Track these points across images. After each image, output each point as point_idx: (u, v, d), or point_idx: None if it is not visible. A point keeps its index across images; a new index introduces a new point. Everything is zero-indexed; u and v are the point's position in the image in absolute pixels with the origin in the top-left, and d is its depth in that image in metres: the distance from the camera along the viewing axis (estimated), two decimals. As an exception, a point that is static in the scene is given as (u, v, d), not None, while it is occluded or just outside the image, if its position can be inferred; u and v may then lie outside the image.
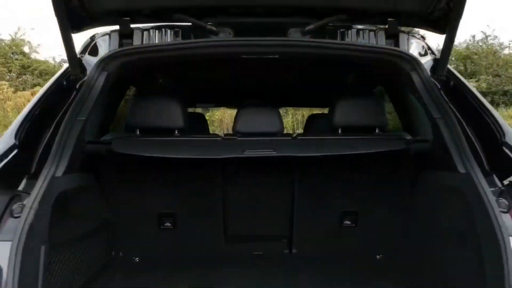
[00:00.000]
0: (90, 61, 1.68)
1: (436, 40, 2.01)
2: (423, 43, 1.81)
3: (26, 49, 16.69)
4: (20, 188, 1.25)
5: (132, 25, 1.72)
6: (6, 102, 9.82)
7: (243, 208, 2.11)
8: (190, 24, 1.72)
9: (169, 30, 1.75)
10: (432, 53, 1.77)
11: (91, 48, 1.77)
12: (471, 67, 18.66)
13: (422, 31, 1.84)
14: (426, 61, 1.70)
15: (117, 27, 1.73)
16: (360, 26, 1.80)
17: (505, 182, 1.25)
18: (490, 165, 1.36)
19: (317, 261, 2.02)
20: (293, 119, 8.87)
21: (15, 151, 1.34)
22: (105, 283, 1.73)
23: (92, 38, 1.82)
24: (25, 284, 1.12)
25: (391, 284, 1.80)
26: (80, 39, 1.79)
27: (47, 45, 29.04)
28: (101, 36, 1.79)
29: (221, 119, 9.48)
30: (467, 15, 1.50)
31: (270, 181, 2.12)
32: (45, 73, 15.80)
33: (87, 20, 1.59)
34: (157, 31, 1.75)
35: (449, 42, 1.52)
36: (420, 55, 1.75)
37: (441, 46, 1.59)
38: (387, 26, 1.74)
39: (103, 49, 1.74)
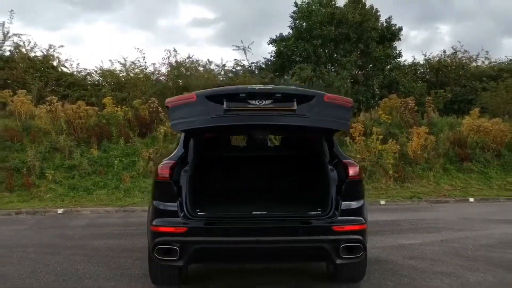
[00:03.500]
0: None
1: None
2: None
3: (54, 63, 19.20)
4: (185, 165, 3.90)
5: None
6: (58, 114, 12.43)
7: (251, 177, 4.78)
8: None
9: None
10: None
11: None
12: (441, 78, 21.41)
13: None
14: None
15: None
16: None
17: (333, 163, 3.94)
18: (330, 157, 4.03)
19: (280, 198, 4.65)
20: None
21: (184, 153, 3.98)
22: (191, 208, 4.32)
23: None
24: (187, 195, 3.75)
25: (314, 207, 4.35)
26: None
27: (74, 59, 31.52)
28: None
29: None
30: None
31: (263, 165, 4.81)
32: (73, 85, 18.32)
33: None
34: None
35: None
36: None
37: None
38: None
39: None
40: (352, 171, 3.77)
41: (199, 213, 3.74)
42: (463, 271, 4.67)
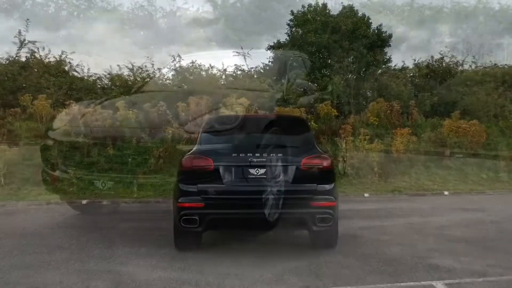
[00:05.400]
0: None
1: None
2: None
3: (66, 68, 20.50)
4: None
5: None
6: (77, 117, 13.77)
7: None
8: None
9: None
10: None
11: None
12: (429, 82, 22.78)
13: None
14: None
15: None
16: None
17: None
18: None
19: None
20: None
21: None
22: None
23: None
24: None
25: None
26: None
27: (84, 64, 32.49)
28: None
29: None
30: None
31: None
32: (85, 89, 19.62)
33: None
34: None
35: None
36: None
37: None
38: None
39: None
40: (325, 163, 5.14)
41: (213, 193, 5.10)
42: (414, 242, 6.04)
